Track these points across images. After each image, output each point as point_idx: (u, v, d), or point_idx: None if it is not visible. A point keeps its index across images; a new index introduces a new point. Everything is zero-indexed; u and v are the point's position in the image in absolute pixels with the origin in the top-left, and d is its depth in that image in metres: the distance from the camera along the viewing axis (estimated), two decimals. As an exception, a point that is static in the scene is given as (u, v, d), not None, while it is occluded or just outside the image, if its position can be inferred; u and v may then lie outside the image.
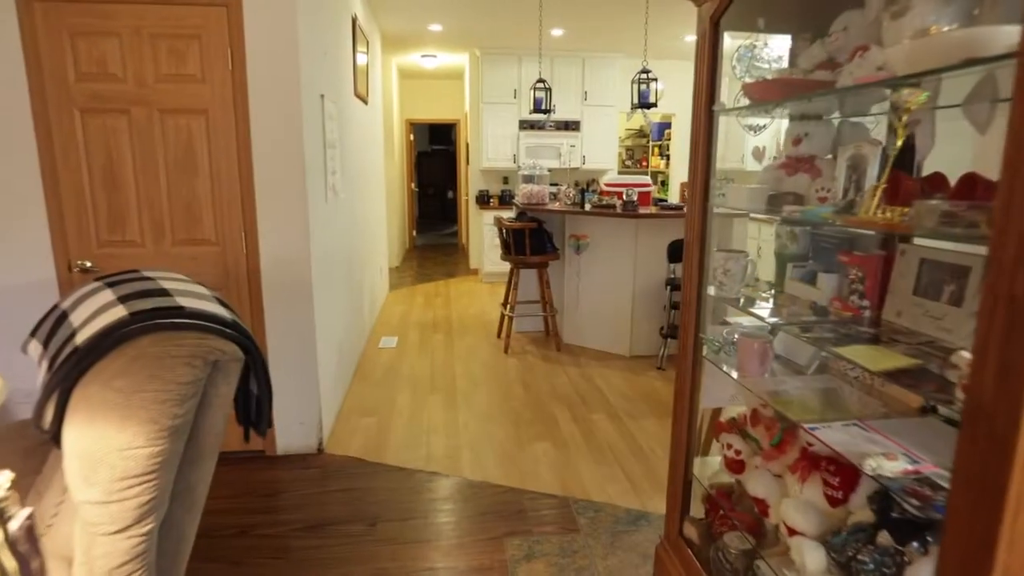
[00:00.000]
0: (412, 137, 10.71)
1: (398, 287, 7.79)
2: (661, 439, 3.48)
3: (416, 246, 11.53)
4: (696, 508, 2.21)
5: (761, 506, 1.76)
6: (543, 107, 5.77)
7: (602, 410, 3.91)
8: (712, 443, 2.58)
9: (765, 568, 1.75)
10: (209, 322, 1.47)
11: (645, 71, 4.94)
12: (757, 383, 1.75)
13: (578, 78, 7.75)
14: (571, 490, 2.94)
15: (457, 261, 9.86)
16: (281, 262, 3.12)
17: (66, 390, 1.34)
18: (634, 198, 4.64)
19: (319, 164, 3.41)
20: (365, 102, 5.42)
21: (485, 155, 7.90)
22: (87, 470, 1.25)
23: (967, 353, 0.98)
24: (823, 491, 1.56)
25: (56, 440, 1.36)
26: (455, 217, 13.09)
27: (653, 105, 5.00)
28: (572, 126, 7.87)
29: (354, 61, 4.77)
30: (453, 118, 10.30)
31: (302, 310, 3.20)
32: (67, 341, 1.47)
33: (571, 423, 3.71)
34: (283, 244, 3.10)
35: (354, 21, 4.76)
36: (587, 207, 4.98)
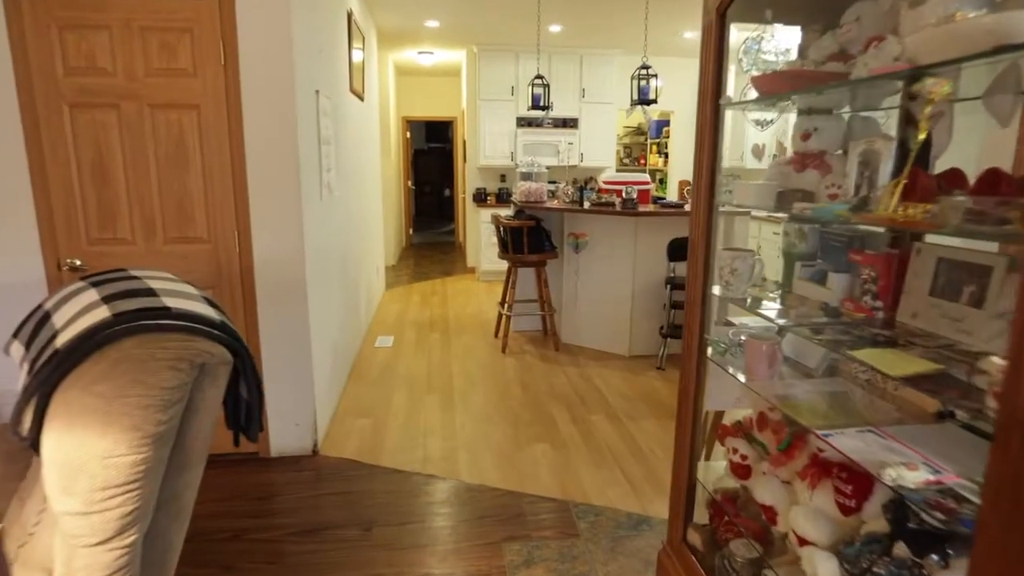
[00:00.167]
0: (409, 135, 10.64)
1: (394, 286, 7.72)
2: (661, 440, 3.43)
3: (413, 244, 11.46)
4: (699, 514, 2.16)
5: (769, 513, 1.70)
6: (541, 103, 5.70)
7: (601, 411, 3.86)
8: (714, 446, 2.53)
9: (773, 577, 1.70)
10: (196, 323, 1.41)
11: (645, 67, 4.87)
12: (765, 386, 1.69)
13: (576, 75, 7.69)
14: (570, 493, 2.88)
15: (454, 259, 9.79)
16: (275, 260, 3.06)
17: (45, 395, 1.28)
18: (634, 196, 4.58)
19: (314, 161, 3.34)
20: (361, 99, 5.36)
21: (482, 153, 7.83)
22: (66, 479, 1.19)
23: (998, 358, 0.92)
24: (835, 499, 1.50)
25: (35, 447, 1.30)
26: (452, 215, 13.03)
27: (653, 101, 4.93)
28: (570, 123, 7.81)
29: (350, 57, 4.70)
30: (450, 115, 10.24)
31: (296, 309, 3.14)
32: (48, 343, 1.41)
33: (570, 424, 3.66)
34: (277, 242, 3.04)
35: (349, 16, 4.69)
36: (586, 205, 4.92)
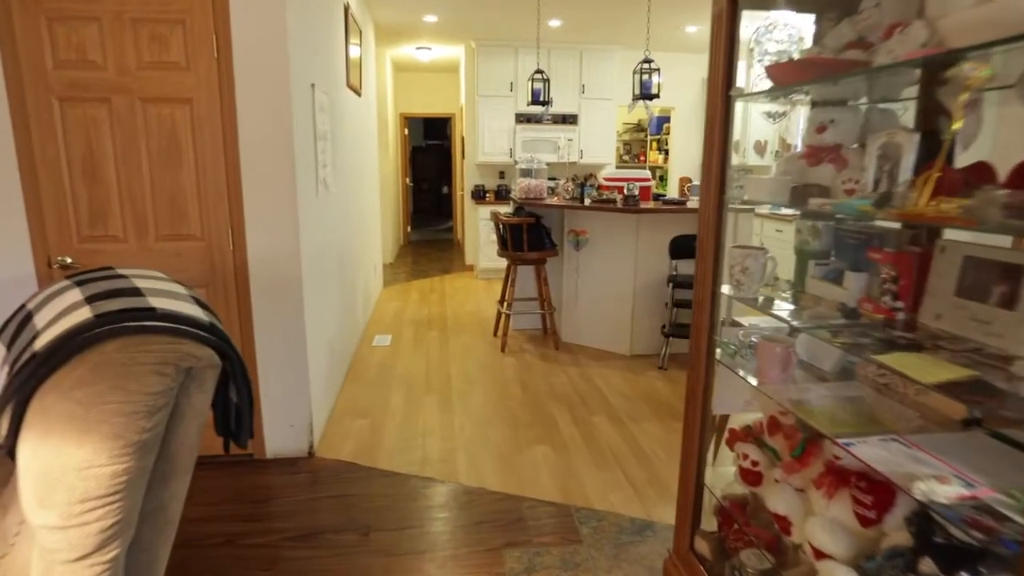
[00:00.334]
0: (407, 131, 10.55)
1: (392, 283, 7.65)
2: (664, 442, 3.36)
3: (411, 242, 11.39)
4: (706, 520, 2.09)
5: (783, 523, 1.63)
6: (541, 98, 5.62)
7: (602, 412, 3.79)
8: (719, 450, 2.46)
9: (786, 588, 1.63)
10: (183, 324, 1.33)
11: (647, 61, 4.79)
12: (779, 390, 1.62)
13: (576, 71, 7.62)
14: (572, 497, 2.81)
15: (452, 257, 9.72)
16: (269, 258, 2.98)
17: (22, 401, 1.21)
18: (636, 192, 4.51)
19: (309, 157, 3.27)
20: (358, 94, 5.28)
21: (481, 149, 7.76)
22: (42, 491, 1.12)
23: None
24: (853, 509, 1.44)
25: (12, 456, 1.23)
26: (450, 212, 12.96)
27: (655, 96, 4.86)
28: (569, 120, 7.73)
29: (346, 51, 4.63)
30: (448, 112, 10.16)
31: (291, 308, 3.07)
32: (28, 345, 1.34)
33: (571, 425, 3.59)
34: (271, 239, 2.97)
35: (346, 10, 4.61)
36: (587, 202, 4.84)
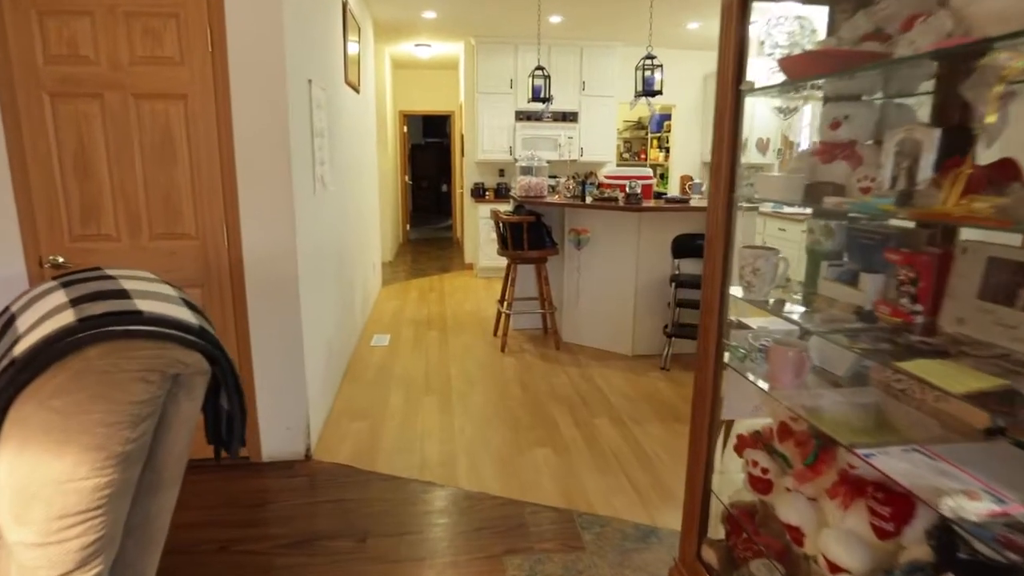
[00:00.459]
0: (406, 129, 10.49)
1: (391, 282, 7.59)
2: (668, 445, 3.31)
3: (410, 240, 11.33)
4: (713, 527, 2.03)
5: (795, 534, 1.58)
6: (542, 95, 5.55)
7: (604, 413, 3.73)
8: (723, 455, 2.41)
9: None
10: (170, 329, 1.27)
11: (650, 57, 4.72)
12: (791, 396, 1.57)
13: (576, 67, 7.55)
14: (574, 502, 2.76)
15: (451, 255, 9.66)
16: (265, 257, 2.92)
17: (0, 409, 1.15)
18: (638, 191, 4.45)
19: (306, 154, 3.21)
20: (357, 91, 5.21)
21: (480, 147, 7.69)
22: (19, 506, 1.06)
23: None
24: (870, 521, 1.38)
25: (-9, 467, 1.17)
26: (449, 210, 12.90)
27: (658, 93, 4.79)
28: (570, 117, 7.66)
29: (345, 48, 4.56)
30: (448, 109, 10.09)
31: (288, 307, 3.00)
32: (8, 350, 1.28)
33: (572, 427, 3.53)
34: (267, 238, 2.91)
35: (344, 6, 4.54)
36: (588, 200, 4.78)
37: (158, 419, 1.22)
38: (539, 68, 5.61)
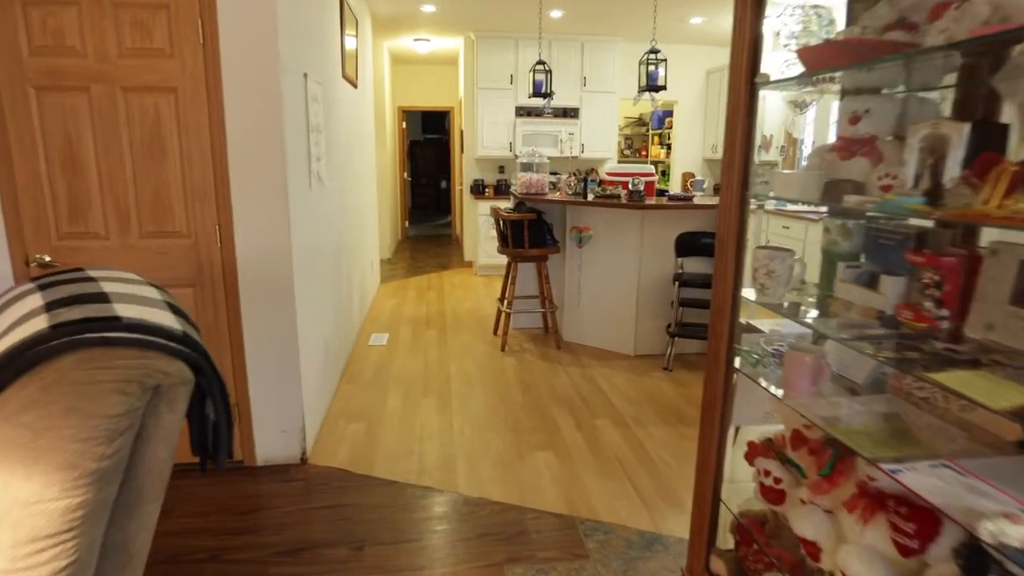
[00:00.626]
0: (404, 125, 10.40)
1: (389, 280, 7.51)
2: (672, 448, 3.23)
3: (408, 237, 11.24)
4: (722, 536, 1.96)
5: (811, 548, 1.50)
6: (543, 90, 5.46)
7: (606, 415, 3.66)
8: (727, 459, 2.33)
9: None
10: (151, 336, 1.20)
11: (654, 51, 4.63)
12: (808, 405, 1.49)
13: (577, 63, 7.46)
14: (577, 508, 2.68)
15: (451, 253, 9.58)
16: (259, 255, 2.84)
17: (-33, 423, 1.07)
18: (641, 188, 4.37)
19: (302, 149, 3.12)
20: (355, 86, 5.13)
21: (480, 143, 7.60)
22: (-16, 529, 0.98)
23: None
24: (892, 537, 1.31)
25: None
26: (449, 207, 12.82)
27: (662, 88, 4.70)
28: (571, 113, 7.57)
29: (342, 41, 4.47)
30: (447, 105, 10.00)
31: (283, 307, 2.93)
32: (-21, 358, 1.20)
33: (574, 430, 3.46)
34: (261, 236, 2.83)
35: (342, -2, 4.46)
36: (590, 197, 4.70)
37: (137, 433, 1.14)
38: (540, 62, 5.52)
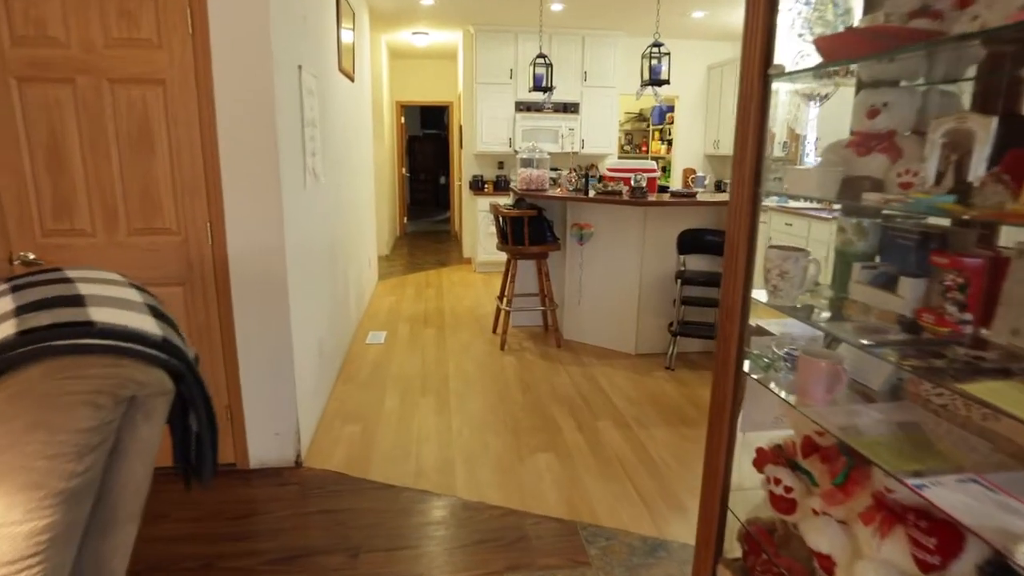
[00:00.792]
0: (403, 120, 10.30)
1: (387, 277, 7.43)
2: (674, 450, 3.17)
3: (407, 233, 11.16)
4: (728, 544, 1.89)
5: (825, 562, 1.43)
6: (544, 84, 5.37)
7: (608, 416, 3.59)
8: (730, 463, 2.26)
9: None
10: (127, 342, 1.12)
11: (657, 44, 4.54)
12: (823, 413, 1.42)
13: (578, 57, 7.37)
14: (579, 512, 2.61)
15: (449, 249, 9.50)
16: (252, 253, 2.77)
17: (-73, 437, 0.99)
18: (643, 184, 4.29)
19: (296, 144, 3.04)
20: (351, 79, 5.04)
21: (479, 138, 7.52)
22: (-58, 554, 0.91)
23: None
24: (912, 552, 1.24)
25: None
26: (447, 203, 12.74)
27: (665, 82, 4.62)
28: (571, 108, 7.49)
29: (338, 35, 4.39)
30: (446, 100, 9.90)
31: (276, 306, 2.85)
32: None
33: (575, 431, 3.39)
34: (254, 233, 2.75)
35: (338, -11, 4.37)
36: (591, 193, 4.62)
37: (111, 447, 1.07)
38: (541, 56, 5.43)
